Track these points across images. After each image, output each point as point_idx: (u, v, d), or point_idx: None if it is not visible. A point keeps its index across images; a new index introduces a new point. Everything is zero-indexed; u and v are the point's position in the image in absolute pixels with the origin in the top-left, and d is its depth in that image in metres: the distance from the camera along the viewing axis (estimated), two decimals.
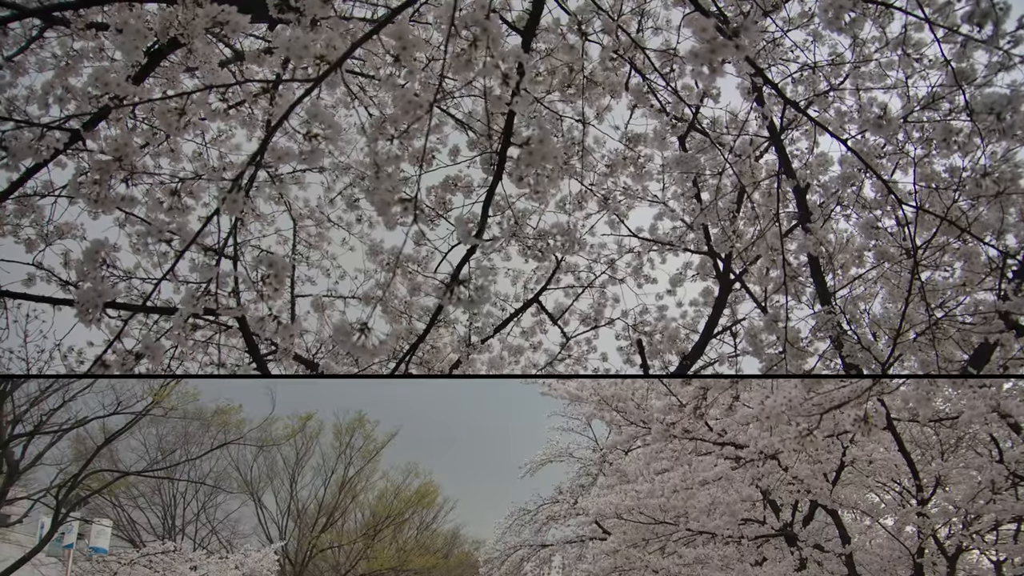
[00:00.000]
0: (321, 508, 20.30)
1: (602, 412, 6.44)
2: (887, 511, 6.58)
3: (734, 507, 5.91)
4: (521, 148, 2.45)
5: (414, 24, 4.49)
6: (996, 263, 4.10)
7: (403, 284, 5.19)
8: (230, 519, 19.23)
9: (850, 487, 6.17)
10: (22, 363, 5.74)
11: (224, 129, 4.84)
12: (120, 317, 4.74)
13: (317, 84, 2.20)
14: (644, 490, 5.93)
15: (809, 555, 5.60)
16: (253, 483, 19.88)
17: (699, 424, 5.01)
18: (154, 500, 18.07)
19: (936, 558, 5.49)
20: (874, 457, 5.73)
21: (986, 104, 3.05)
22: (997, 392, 4.45)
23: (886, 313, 5.00)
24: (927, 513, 5.37)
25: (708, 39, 1.67)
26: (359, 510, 21.32)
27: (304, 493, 20.59)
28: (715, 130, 5.26)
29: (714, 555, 6.13)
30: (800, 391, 3.11)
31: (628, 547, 6.52)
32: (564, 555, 10.79)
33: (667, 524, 6.21)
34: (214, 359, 5.68)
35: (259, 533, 19.45)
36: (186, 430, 16.78)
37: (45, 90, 3.07)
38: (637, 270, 6.43)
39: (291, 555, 19.18)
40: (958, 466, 5.57)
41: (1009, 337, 3.90)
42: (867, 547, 6.32)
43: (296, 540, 19.64)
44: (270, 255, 4.33)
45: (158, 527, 17.79)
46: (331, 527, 20.24)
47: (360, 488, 21.14)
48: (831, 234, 4.91)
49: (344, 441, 20.99)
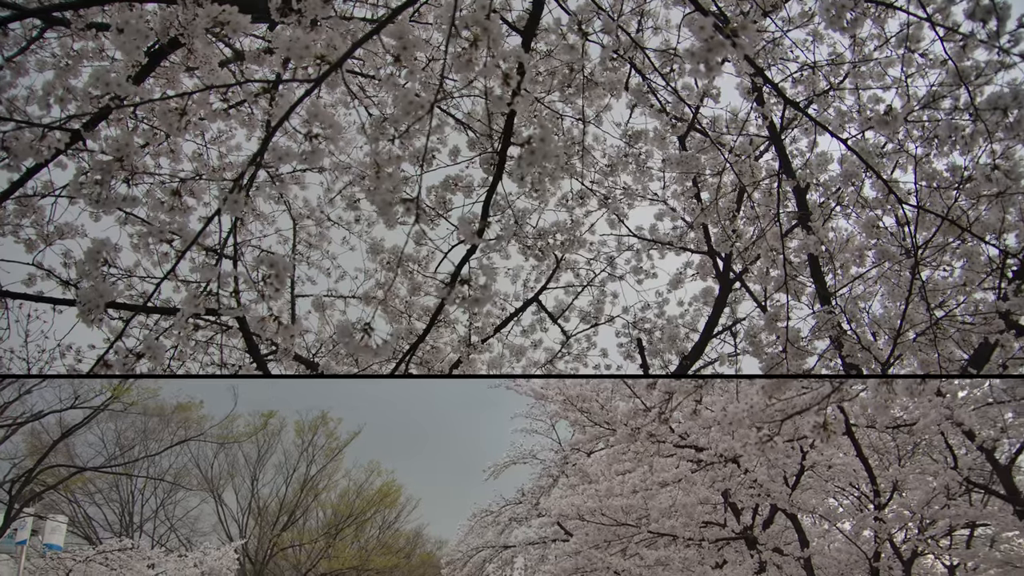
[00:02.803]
0: (282, 506, 20.10)
1: (567, 412, 6.43)
2: (845, 515, 6.70)
3: (694, 509, 5.95)
4: (522, 148, 2.45)
5: (414, 24, 4.49)
6: (996, 263, 4.10)
7: (403, 284, 5.19)
8: (189, 516, 19.03)
9: (809, 491, 6.24)
10: (23, 363, 5.74)
11: (224, 129, 4.84)
12: (121, 317, 4.74)
13: (318, 84, 2.20)
14: (604, 488, 5.95)
15: (769, 558, 5.66)
16: (213, 480, 19.64)
17: (663, 428, 5.05)
18: (111, 496, 17.79)
19: (892, 562, 5.59)
20: (833, 462, 5.81)
21: (991, 102, 3.05)
22: (952, 400, 4.56)
23: (886, 313, 5.00)
24: (884, 518, 5.45)
25: (706, 38, 1.68)
26: (321, 509, 21.17)
27: (265, 491, 20.41)
28: (715, 130, 5.26)
29: (675, 557, 6.17)
30: (762, 397, 3.13)
31: (590, 548, 6.53)
32: (527, 556, 10.69)
33: (629, 526, 6.25)
34: (214, 359, 5.69)
35: (219, 531, 19.30)
36: (145, 426, 16.59)
37: (46, 91, 3.06)
38: (637, 269, 6.44)
39: (251, 554, 18.91)
40: (914, 472, 5.70)
41: (1009, 337, 3.90)
42: (825, 551, 6.40)
43: (256, 538, 19.39)
44: (271, 255, 4.33)
45: (115, 524, 17.54)
46: (292, 525, 20.07)
47: (322, 486, 21.01)
48: (831, 233, 4.91)
49: (307, 439, 20.86)
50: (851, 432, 5.10)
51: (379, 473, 21.94)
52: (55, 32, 3.87)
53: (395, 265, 4.70)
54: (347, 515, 20.84)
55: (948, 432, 4.92)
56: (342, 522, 20.66)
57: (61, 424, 12.37)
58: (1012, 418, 5.14)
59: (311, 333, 6.60)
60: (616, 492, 5.88)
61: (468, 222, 2.63)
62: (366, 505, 21.36)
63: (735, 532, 5.99)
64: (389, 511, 22.01)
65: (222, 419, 18.69)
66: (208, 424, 17.89)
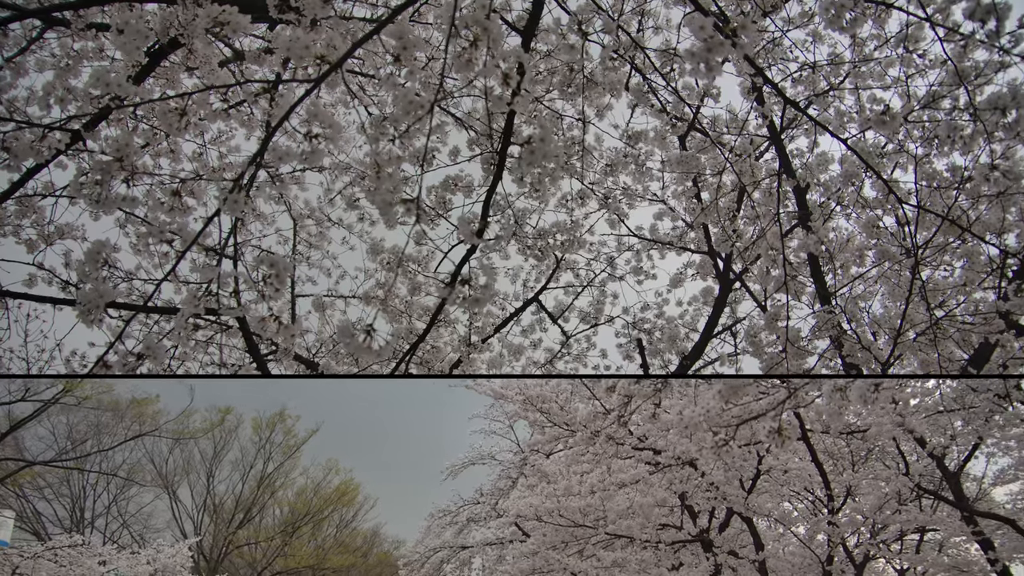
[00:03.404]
0: (238, 503, 19.78)
1: (527, 412, 6.41)
2: (799, 519, 6.79)
3: (651, 511, 5.97)
4: (522, 147, 2.45)
5: (414, 24, 4.49)
6: (996, 263, 4.10)
7: (403, 284, 5.19)
8: (143, 513, 18.70)
9: (765, 495, 6.28)
10: (22, 363, 5.74)
11: (224, 129, 4.84)
12: (121, 317, 4.74)
13: (318, 85, 2.20)
14: (562, 488, 5.96)
15: (724, 561, 5.70)
16: (168, 476, 19.28)
17: (623, 431, 5.08)
18: (62, 491, 17.33)
19: (845, 566, 5.69)
20: (789, 467, 5.86)
21: (990, 102, 3.05)
22: (904, 407, 4.65)
23: (886, 312, 5.00)
24: (837, 522, 5.52)
25: (706, 38, 1.68)
26: (277, 506, 20.90)
27: (221, 488, 20.07)
28: (715, 129, 5.26)
29: (632, 559, 6.18)
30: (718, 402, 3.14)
31: (547, 549, 6.54)
32: (484, 557, 10.67)
33: (586, 527, 6.26)
34: (214, 359, 5.69)
35: (173, 528, 19.00)
36: (99, 420, 16.23)
37: (46, 91, 3.06)
38: (637, 269, 6.44)
39: (206, 551, 18.62)
40: (867, 477, 5.82)
41: (1009, 337, 3.90)
42: (780, 554, 6.46)
43: (212, 536, 19.05)
44: (271, 255, 4.33)
45: (65, 520, 17.16)
46: (248, 523, 19.78)
47: (279, 484, 20.76)
48: (831, 233, 4.91)
49: (264, 436, 20.58)
50: (806, 437, 5.17)
51: (337, 471, 21.79)
52: (55, 32, 3.87)
53: (395, 265, 4.70)
54: (304, 513, 20.62)
55: (900, 439, 5.00)
56: (299, 520, 20.43)
57: (10, 417, 12.03)
58: (961, 426, 5.23)
59: (311, 333, 6.61)
60: (574, 492, 5.89)
61: (468, 222, 2.63)
62: (323, 503, 21.14)
63: (691, 534, 6.04)
64: (347, 510, 21.86)
65: (178, 415, 18.38)
66: (163, 419, 17.60)
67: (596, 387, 5.36)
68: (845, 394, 2.71)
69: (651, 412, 4.57)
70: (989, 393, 4.12)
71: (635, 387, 4.14)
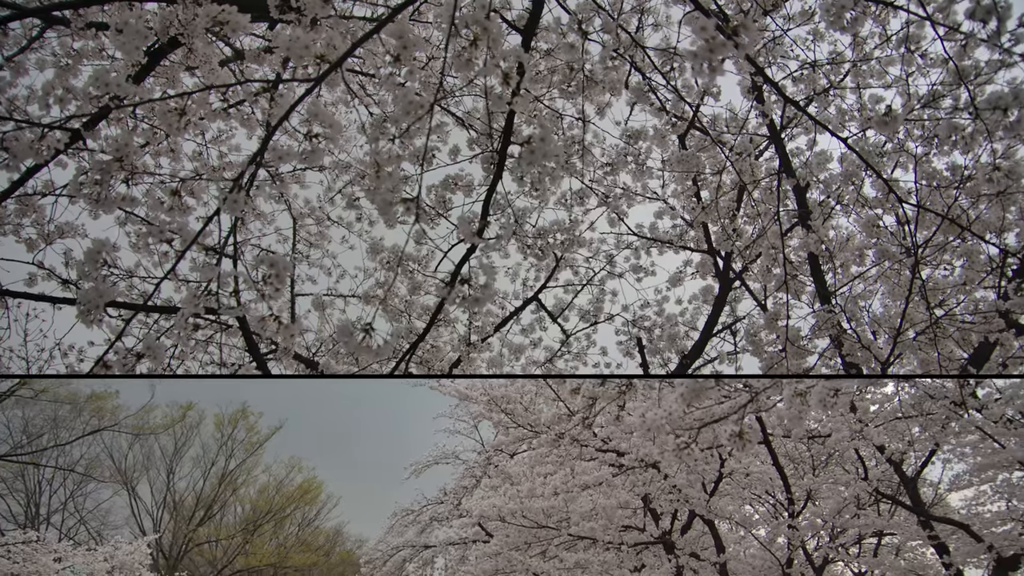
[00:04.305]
0: (199, 501, 19.27)
1: (491, 413, 6.40)
2: (760, 522, 6.83)
3: (614, 513, 5.98)
4: (522, 147, 2.45)
5: (414, 23, 4.49)
6: (996, 262, 4.11)
7: (403, 283, 5.19)
8: (100, 509, 18.08)
9: (727, 498, 6.30)
10: (22, 362, 5.74)
11: (224, 128, 4.84)
12: (121, 317, 4.74)
13: (317, 84, 2.20)
14: (526, 489, 5.96)
15: (686, 563, 5.73)
16: (127, 472, 18.68)
17: (586, 432, 5.09)
18: (16, 486, 16.81)
19: (804, 569, 5.73)
20: (751, 470, 5.89)
21: (991, 101, 3.05)
22: (864, 413, 4.72)
23: (886, 312, 5.01)
24: (797, 526, 5.57)
25: (708, 38, 1.67)
26: (239, 504, 20.37)
27: (182, 484, 19.56)
28: (715, 128, 5.26)
29: (594, 560, 6.18)
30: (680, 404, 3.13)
31: (510, 550, 6.52)
32: (447, 556, 10.59)
33: (549, 528, 6.26)
34: (214, 358, 5.69)
35: (131, 524, 18.49)
36: (56, 414, 15.86)
37: (46, 91, 3.06)
38: (637, 267, 6.44)
39: (165, 548, 18.18)
40: (827, 482, 5.83)
41: (1009, 336, 3.91)
42: (740, 556, 6.48)
43: (171, 533, 18.57)
44: (271, 255, 4.33)
45: (19, 515, 16.65)
46: (209, 520, 19.31)
47: (241, 481, 20.24)
48: (831, 232, 4.91)
49: (226, 433, 20.06)
50: (768, 441, 5.21)
51: (300, 469, 21.38)
52: (55, 31, 3.86)
53: (395, 264, 4.70)
54: (266, 511, 20.17)
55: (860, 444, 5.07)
56: (261, 518, 19.99)
57: None
58: (919, 432, 5.29)
59: (311, 332, 6.61)
60: (538, 493, 5.90)
61: (468, 221, 2.63)
62: (286, 501, 20.73)
63: (654, 537, 6.06)
64: (309, 508, 21.45)
65: (138, 410, 17.93)
66: (123, 415, 17.19)
67: (561, 389, 5.37)
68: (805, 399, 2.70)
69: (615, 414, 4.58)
70: (946, 400, 4.18)
71: (599, 389, 4.13)
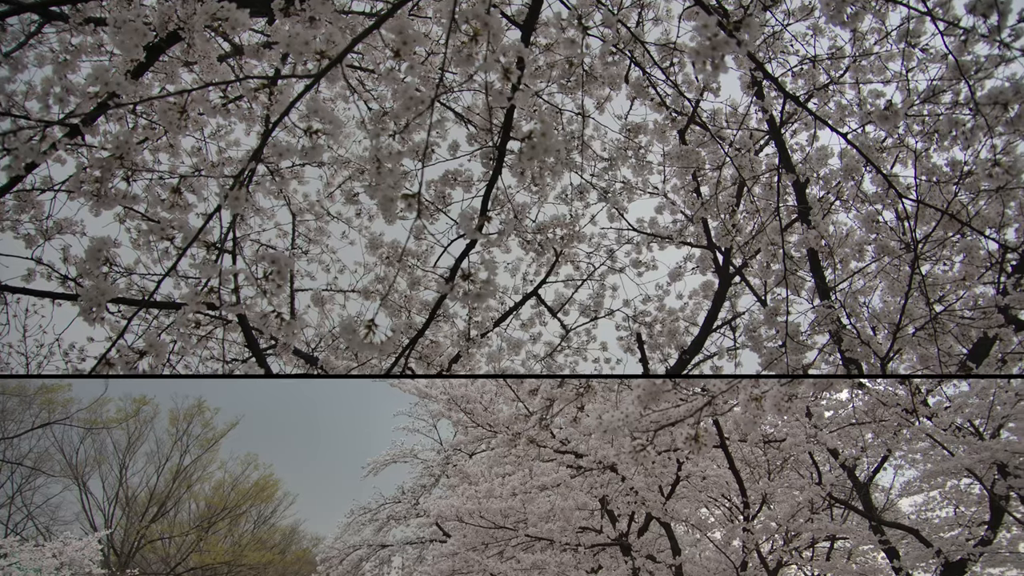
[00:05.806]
0: (152, 496, 18.92)
1: (450, 412, 6.39)
2: (716, 525, 6.87)
3: (572, 514, 6.00)
4: (522, 142, 2.45)
5: (414, 19, 4.47)
6: (996, 257, 4.11)
7: (403, 279, 5.19)
8: (50, 504, 17.71)
9: (683, 501, 6.35)
10: (21, 358, 5.74)
11: (223, 124, 4.83)
12: (122, 314, 4.74)
13: (317, 80, 2.19)
14: (484, 490, 5.97)
15: (642, 565, 5.77)
16: (78, 467, 18.24)
17: (544, 433, 5.11)
18: None
19: (759, 572, 5.78)
20: (707, 473, 5.94)
21: (991, 96, 3.05)
22: (819, 419, 4.77)
23: (886, 307, 5.01)
24: (752, 529, 5.61)
25: (710, 36, 1.67)
26: (194, 501, 20.05)
27: (135, 480, 19.23)
28: (715, 124, 5.25)
29: (551, 561, 6.20)
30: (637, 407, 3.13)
31: (468, 550, 6.54)
32: (404, 556, 10.55)
33: (507, 529, 6.28)
34: (214, 353, 5.69)
35: (82, 520, 18.15)
36: (3, 406, 15.67)
37: (45, 89, 3.05)
38: (637, 262, 6.44)
39: (117, 545, 17.87)
40: (782, 486, 5.92)
41: (1008, 331, 3.91)
42: (696, 559, 6.55)
43: (123, 529, 18.27)
44: (272, 251, 4.32)
45: None
46: (162, 517, 19.01)
47: (196, 478, 19.95)
48: (831, 227, 4.91)
49: (181, 428, 19.74)
50: (724, 445, 5.24)
51: (256, 466, 21.10)
52: (53, 27, 3.85)
53: (395, 260, 4.70)
54: (221, 508, 19.87)
55: (814, 449, 5.13)
56: (215, 515, 19.70)
57: None
58: (872, 438, 5.34)
59: (310, 328, 6.61)
60: (496, 494, 5.91)
61: (468, 217, 2.63)
62: (241, 499, 20.43)
63: (611, 538, 6.08)
64: (265, 505, 21.21)
65: (90, 403, 17.53)
66: (75, 408, 16.80)
67: (520, 389, 5.37)
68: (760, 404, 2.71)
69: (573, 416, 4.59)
70: (898, 408, 4.23)
71: (557, 390, 4.14)
